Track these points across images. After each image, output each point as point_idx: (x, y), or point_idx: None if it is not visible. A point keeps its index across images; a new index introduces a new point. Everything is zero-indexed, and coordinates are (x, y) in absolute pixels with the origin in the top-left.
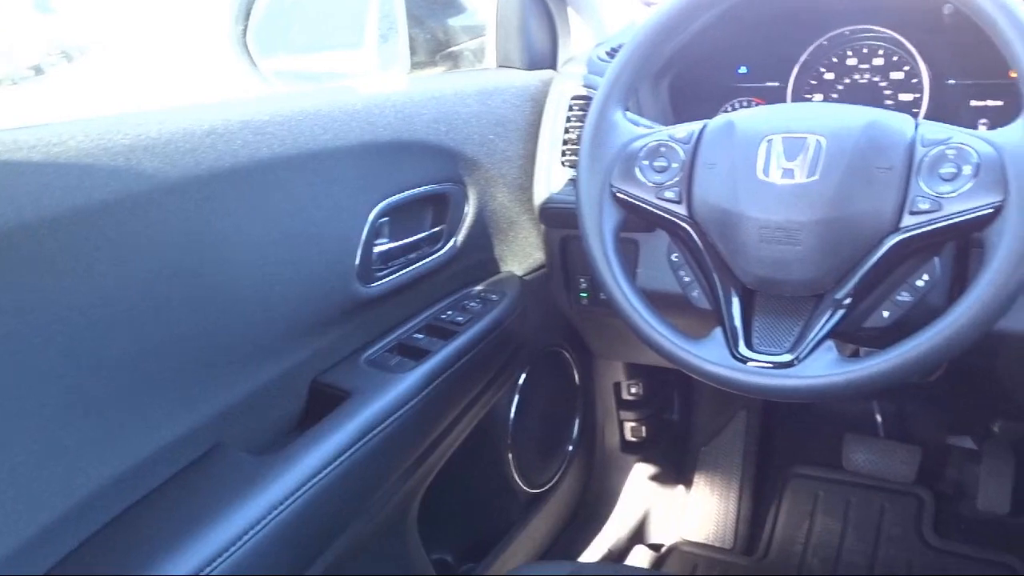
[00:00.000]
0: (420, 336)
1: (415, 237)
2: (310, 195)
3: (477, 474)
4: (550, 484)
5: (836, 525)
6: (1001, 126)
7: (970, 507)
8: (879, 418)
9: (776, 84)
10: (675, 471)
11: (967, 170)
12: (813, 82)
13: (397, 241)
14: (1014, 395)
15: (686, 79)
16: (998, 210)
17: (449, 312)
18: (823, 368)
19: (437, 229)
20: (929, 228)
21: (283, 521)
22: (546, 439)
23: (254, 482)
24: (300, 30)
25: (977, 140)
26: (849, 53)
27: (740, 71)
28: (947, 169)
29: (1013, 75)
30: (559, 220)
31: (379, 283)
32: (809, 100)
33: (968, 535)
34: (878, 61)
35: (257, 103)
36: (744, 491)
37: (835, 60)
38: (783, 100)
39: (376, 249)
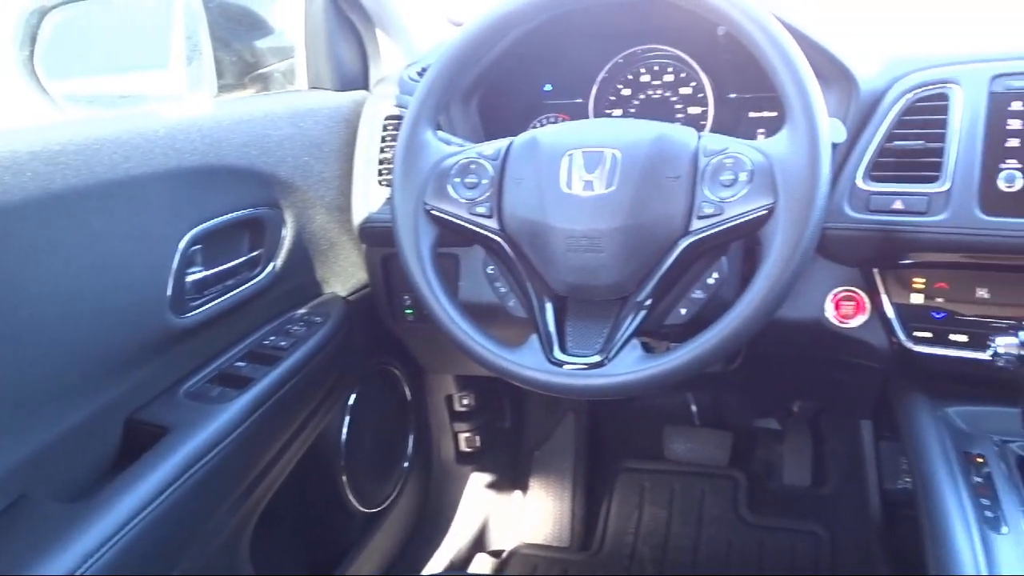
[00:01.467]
0: (242, 364)
1: (231, 263)
2: (112, 226)
3: (312, 498)
4: (388, 502)
5: (663, 513)
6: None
7: (778, 483)
8: (694, 408)
9: (579, 100)
10: (511, 477)
11: (743, 176)
12: (612, 98)
13: (212, 268)
14: (803, 376)
15: (495, 97)
16: (771, 211)
17: (272, 337)
18: (630, 365)
19: (255, 254)
20: (715, 230)
21: (99, 571)
22: (381, 457)
23: (63, 533)
24: (96, 51)
25: (750, 149)
26: (643, 70)
27: (546, 89)
28: (726, 176)
29: None
30: (379, 239)
31: (195, 313)
32: (610, 115)
33: (778, 509)
34: (668, 78)
35: (48, 131)
36: (577, 490)
37: (631, 77)
38: (586, 115)
39: (189, 278)
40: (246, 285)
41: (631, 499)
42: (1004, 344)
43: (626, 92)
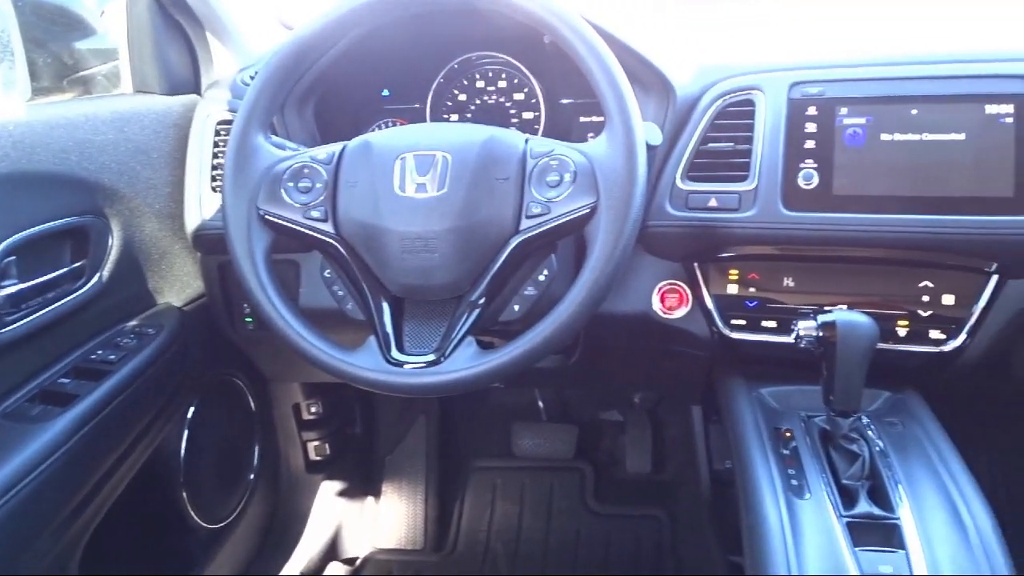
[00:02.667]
0: (66, 380)
1: (51, 275)
2: None
3: (149, 517)
4: (233, 515)
5: (514, 508)
6: None
7: (622, 472)
8: (541, 404)
9: (417, 106)
10: (363, 484)
11: (567, 177)
12: (449, 103)
13: (29, 281)
14: (639, 367)
15: (332, 102)
16: (593, 210)
17: (100, 351)
18: (464, 362)
19: (78, 265)
20: (542, 229)
21: None
22: (224, 470)
23: None
24: None
25: (574, 152)
26: (478, 76)
27: (384, 94)
28: (552, 177)
29: None
30: (214, 246)
31: (10, 328)
32: (447, 120)
33: (622, 496)
34: (503, 84)
35: None
36: (430, 492)
37: (466, 83)
38: (424, 120)
39: (3, 291)
40: (69, 297)
41: (483, 497)
42: (804, 328)
43: (462, 97)
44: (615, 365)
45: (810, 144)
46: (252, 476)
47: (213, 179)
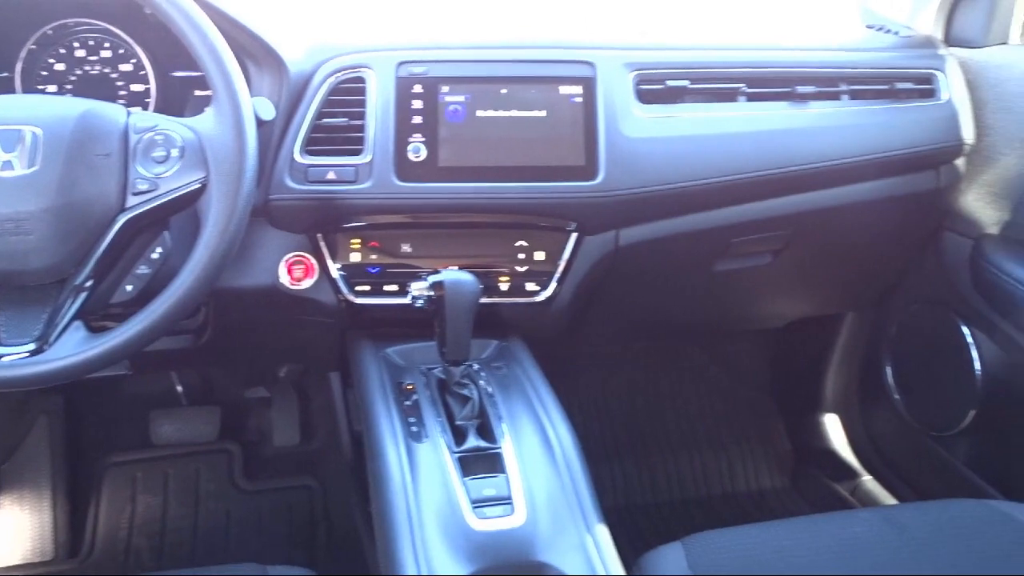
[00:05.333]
0: None
1: None
2: None
3: None
4: None
5: (157, 500)
6: None
7: (270, 447)
8: (180, 389)
9: (5, 74)
10: None
11: (175, 152)
12: (45, 73)
13: None
14: (275, 341)
15: None
16: (204, 185)
17: None
18: (71, 348)
19: None
20: (151, 205)
21: None
22: None
23: None
24: None
25: (180, 126)
26: (77, 45)
27: None
28: (159, 152)
29: None
30: None
31: None
32: (43, 91)
33: (273, 471)
34: (106, 53)
35: None
36: (59, 497)
37: (64, 51)
38: (12, 91)
39: None
40: None
41: (122, 493)
42: (417, 288)
43: (60, 67)
44: (251, 340)
45: (417, 120)
46: None
47: None
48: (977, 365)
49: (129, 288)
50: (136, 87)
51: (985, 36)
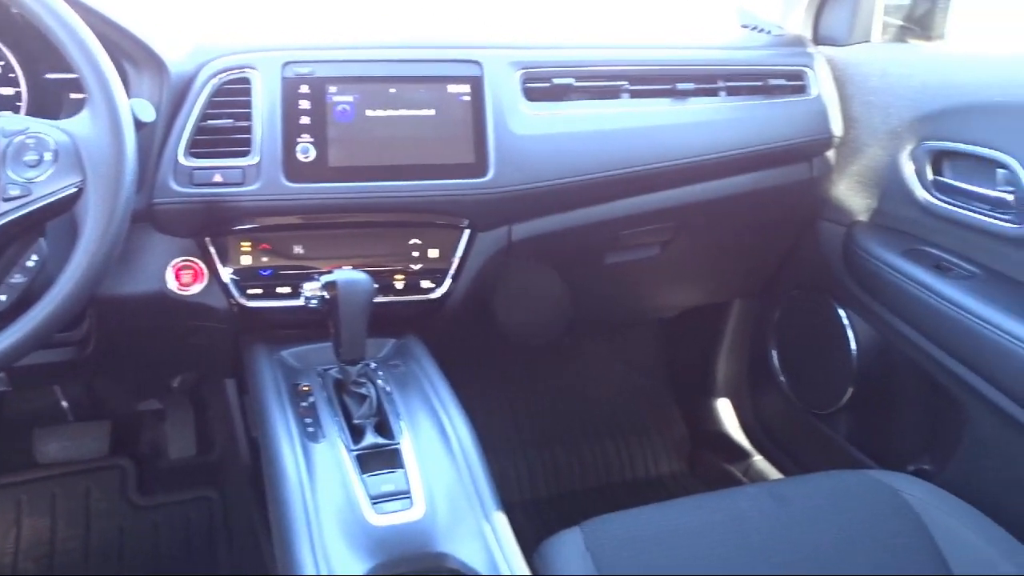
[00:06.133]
0: None
1: None
2: None
3: None
4: None
5: (44, 522)
6: None
7: (166, 460)
8: (65, 404)
9: None
10: None
11: (48, 156)
12: None
13: None
14: (166, 349)
15: None
16: (81, 189)
17: None
18: None
19: None
20: (23, 212)
21: None
22: None
23: None
24: None
25: (54, 129)
26: None
27: None
28: (31, 156)
29: None
30: None
31: None
32: None
33: (169, 485)
34: None
35: None
36: None
37: None
38: None
39: None
40: None
41: (6, 518)
42: (310, 289)
43: None
44: (139, 350)
45: (305, 120)
46: None
47: None
48: (853, 345)
49: (3, 298)
50: (6, 90)
51: (849, 35)
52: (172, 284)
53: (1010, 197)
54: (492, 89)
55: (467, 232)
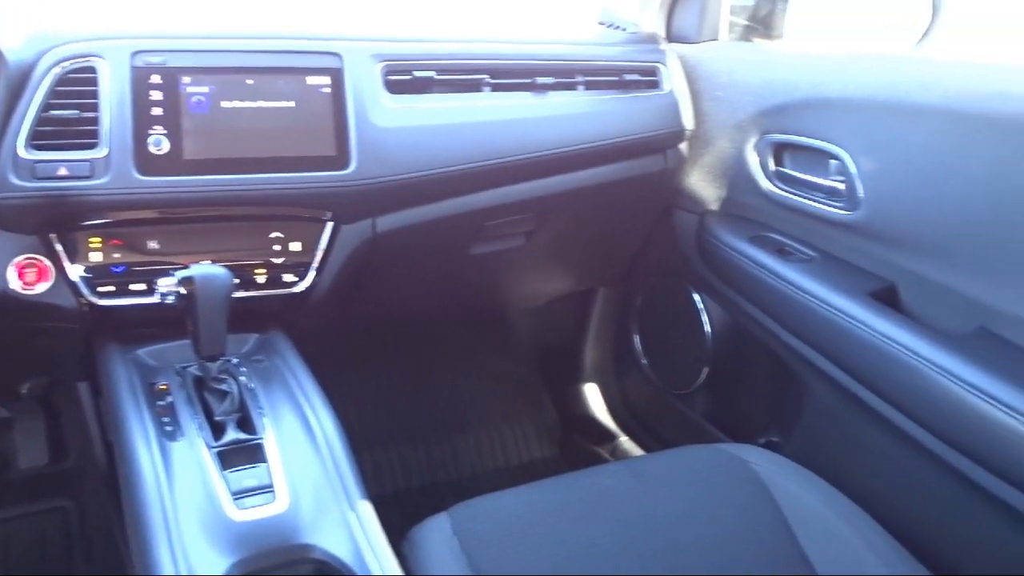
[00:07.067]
0: None
1: None
2: None
3: None
4: None
5: None
6: None
7: (16, 471)
8: None
9: None
10: None
11: None
12: None
13: None
14: (10, 353)
15: None
16: None
17: None
18: None
19: None
20: None
21: None
22: None
23: None
24: None
25: None
26: None
27: None
28: None
29: None
30: None
31: None
32: None
33: (20, 496)
34: None
35: None
36: None
37: None
38: None
39: None
40: None
41: None
42: (165, 285)
43: None
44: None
45: (157, 111)
46: None
47: None
48: (707, 328)
49: None
50: None
51: (699, 34)
52: (15, 284)
53: (841, 186)
54: (353, 81)
55: (330, 225)
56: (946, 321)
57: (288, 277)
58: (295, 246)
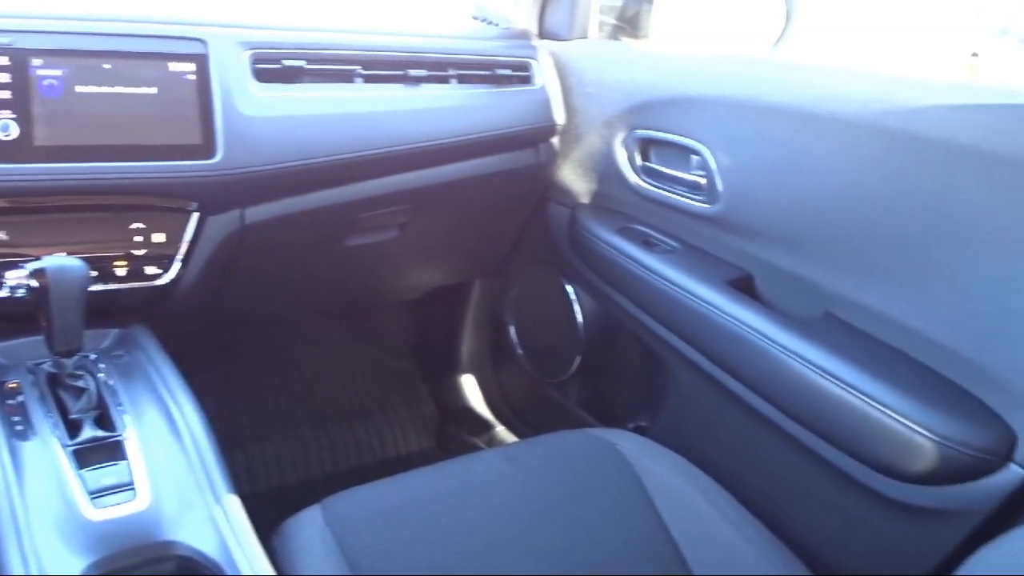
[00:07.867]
0: None
1: None
2: None
3: None
4: None
5: None
6: None
7: None
8: None
9: None
10: None
11: None
12: None
13: None
14: None
15: None
16: None
17: None
18: None
19: None
20: None
21: None
22: None
23: None
24: None
25: None
26: None
27: None
28: None
29: None
30: None
31: None
32: None
33: None
34: None
35: None
36: None
37: None
38: None
39: None
40: None
41: None
42: (14, 277)
43: None
44: None
45: (5, 95)
46: None
47: None
48: (579, 317)
49: None
50: None
51: (570, 31)
52: None
53: (703, 180)
54: (219, 69)
55: (196, 216)
56: (796, 307)
57: (151, 269)
58: (158, 237)
